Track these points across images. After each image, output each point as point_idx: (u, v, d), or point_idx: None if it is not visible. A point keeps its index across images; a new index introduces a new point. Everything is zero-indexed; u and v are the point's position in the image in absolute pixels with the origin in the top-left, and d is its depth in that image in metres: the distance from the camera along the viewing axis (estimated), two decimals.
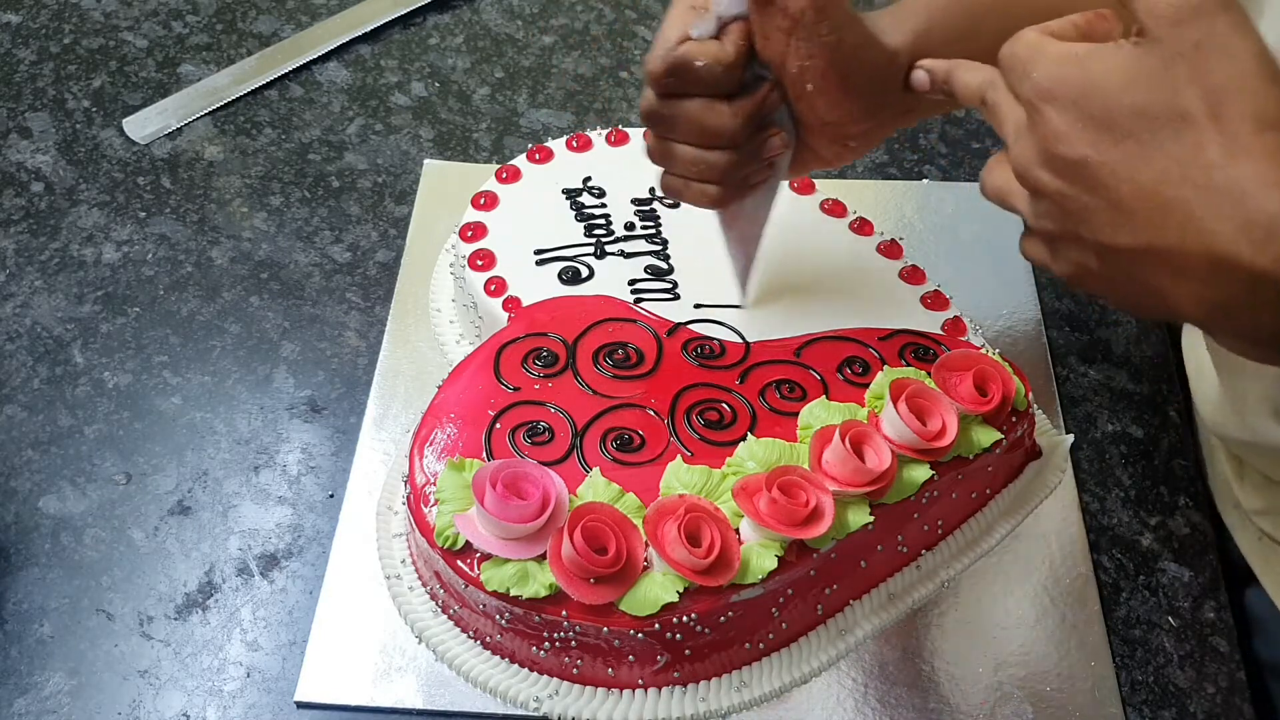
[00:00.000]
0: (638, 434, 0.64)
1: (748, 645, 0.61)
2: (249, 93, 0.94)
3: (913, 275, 0.73)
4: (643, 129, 0.80)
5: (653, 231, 0.75)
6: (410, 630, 0.64)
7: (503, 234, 0.74)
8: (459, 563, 0.59)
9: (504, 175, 0.78)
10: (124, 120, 0.91)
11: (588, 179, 0.78)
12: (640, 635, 0.57)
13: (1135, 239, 0.44)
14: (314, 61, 0.96)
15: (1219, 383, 0.65)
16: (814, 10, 0.56)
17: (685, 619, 0.57)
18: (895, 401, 0.61)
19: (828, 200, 0.77)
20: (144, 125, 0.90)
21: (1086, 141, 0.44)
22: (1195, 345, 0.70)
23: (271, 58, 0.95)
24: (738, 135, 0.60)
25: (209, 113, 0.92)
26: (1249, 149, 0.42)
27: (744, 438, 0.63)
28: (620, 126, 0.81)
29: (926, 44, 0.59)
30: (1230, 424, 0.64)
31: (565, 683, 0.61)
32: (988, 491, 0.68)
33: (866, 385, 0.65)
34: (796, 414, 0.64)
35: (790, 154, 0.63)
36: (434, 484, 0.61)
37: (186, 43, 0.98)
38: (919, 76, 0.58)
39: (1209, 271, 0.43)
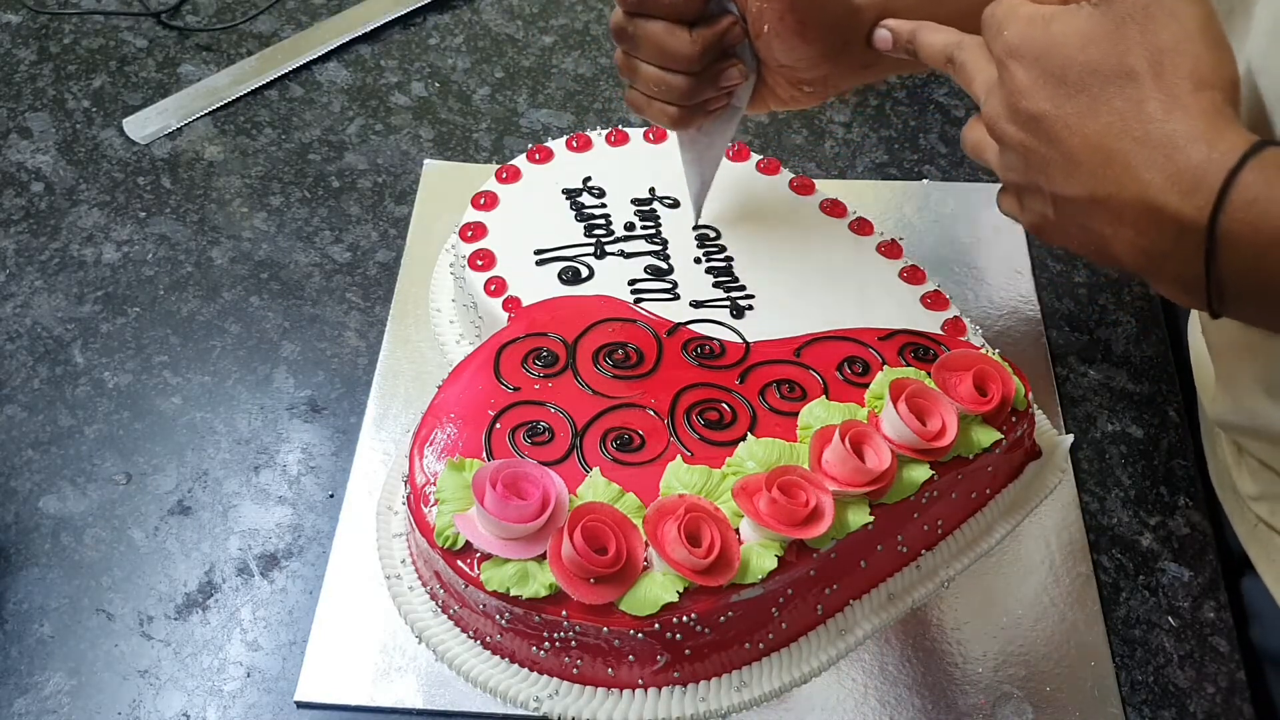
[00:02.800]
0: (638, 434, 0.64)
1: (748, 645, 0.61)
2: (249, 93, 0.94)
3: (913, 275, 0.73)
4: (643, 129, 0.80)
5: (653, 231, 0.75)
6: (410, 630, 0.64)
7: (503, 234, 0.74)
8: (459, 563, 0.59)
9: (504, 175, 0.78)
10: (124, 120, 0.91)
11: (588, 179, 0.78)
12: (640, 635, 0.57)
13: (1082, 188, 0.48)
14: (314, 61, 0.96)
15: (1214, 367, 0.66)
16: None
17: (685, 619, 0.57)
18: (895, 401, 0.61)
19: (828, 200, 0.77)
20: (144, 125, 0.90)
21: (1045, 96, 0.48)
22: (1195, 332, 0.70)
23: (271, 58, 0.95)
24: (695, 61, 0.63)
25: (209, 113, 0.92)
26: (1186, 106, 0.45)
27: (744, 438, 0.63)
28: (620, 126, 0.81)
29: (892, 3, 0.62)
30: (1227, 409, 0.65)
31: (565, 683, 0.61)
32: (988, 491, 0.68)
33: (866, 385, 0.65)
34: (796, 414, 0.64)
35: (750, 87, 0.67)
36: (434, 484, 0.61)
37: (186, 43, 0.98)
38: (881, 35, 0.61)
39: (1142, 219, 0.46)
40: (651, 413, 0.65)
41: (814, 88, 0.66)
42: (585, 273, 0.72)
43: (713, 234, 0.75)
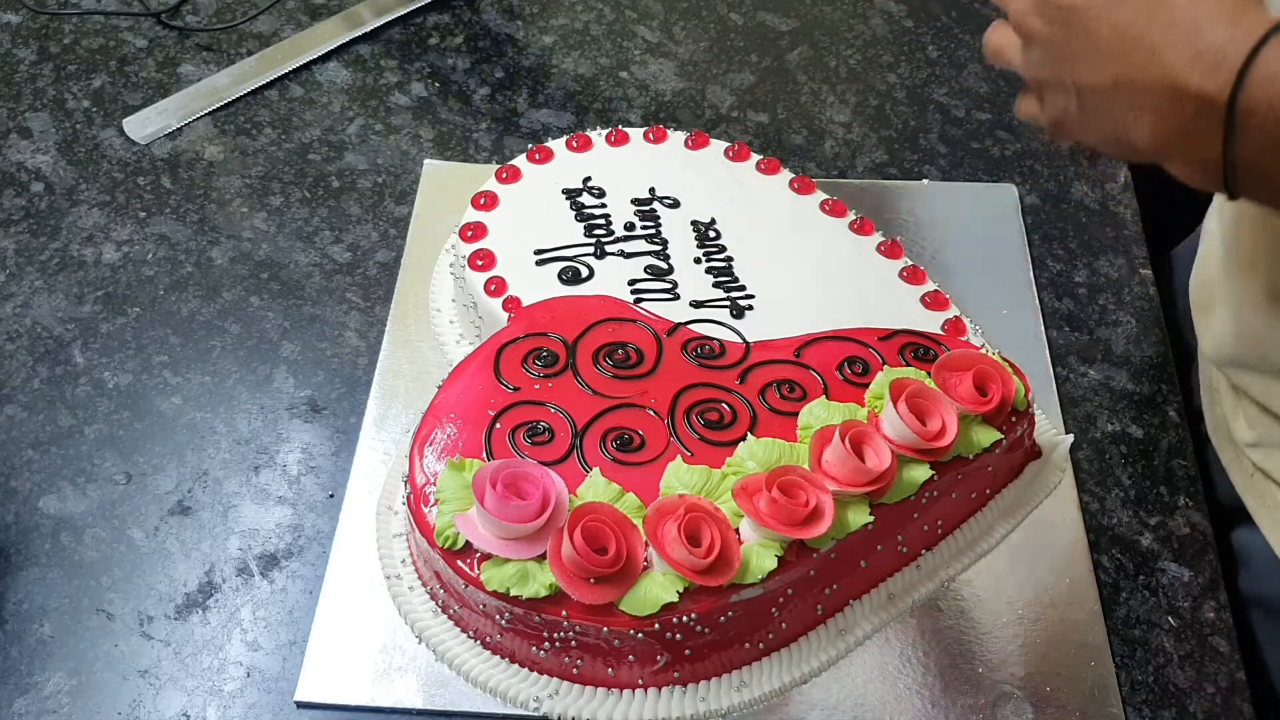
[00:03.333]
0: (638, 434, 0.64)
1: (748, 645, 0.61)
2: (249, 93, 0.94)
3: (913, 275, 0.73)
4: (643, 129, 0.80)
5: (653, 231, 0.75)
6: (410, 630, 0.64)
7: (503, 234, 0.74)
8: (459, 563, 0.59)
9: (504, 175, 0.78)
10: (124, 120, 0.91)
11: (588, 179, 0.78)
12: (640, 635, 0.57)
13: (1107, 75, 0.50)
14: (314, 61, 0.96)
15: (1218, 294, 0.66)
16: None
17: (685, 619, 0.57)
18: (895, 401, 0.61)
19: (828, 200, 0.77)
20: (144, 125, 0.90)
21: None
22: (1198, 269, 0.71)
23: (271, 57, 0.95)
24: None
25: (209, 113, 0.92)
26: None
27: (744, 438, 0.63)
28: (620, 126, 0.81)
29: None
30: (1229, 337, 0.66)
31: (565, 683, 0.61)
32: (988, 491, 0.68)
33: (866, 385, 0.65)
34: (796, 414, 0.64)
35: None
36: (434, 484, 0.61)
37: (186, 43, 0.98)
38: None
39: (1164, 101, 0.48)
40: (651, 413, 0.65)
41: None
42: (585, 273, 0.72)
43: (713, 234, 0.75)
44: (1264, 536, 0.67)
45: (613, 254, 0.73)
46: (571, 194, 0.77)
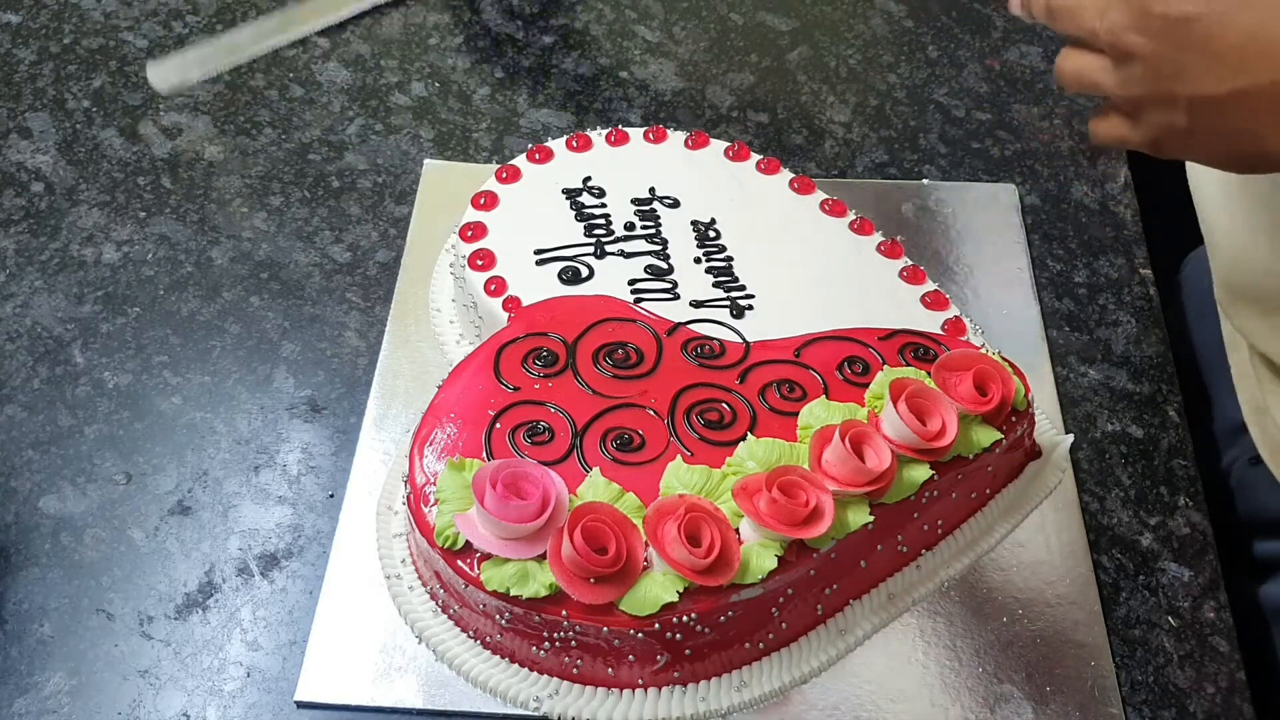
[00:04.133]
0: (638, 434, 0.64)
1: (748, 645, 0.61)
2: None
3: (913, 275, 0.73)
4: (643, 129, 0.80)
5: (653, 231, 0.75)
6: (410, 630, 0.64)
7: (503, 234, 0.74)
8: (459, 563, 0.59)
9: (504, 175, 0.78)
10: (147, 64, 0.91)
11: (588, 179, 0.78)
12: (640, 635, 0.57)
13: (1234, 84, 0.48)
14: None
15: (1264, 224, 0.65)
16: None
17: (685, 619, 0.57)
18: (895, 401, 0.61)
19: (828, 200, 0.77)
20: (165, 74, 0.88)
21: None
22: (1231, 258, 0.69)
23: (293, 16, 0.94)
24: None
25: (228, 72, 0.91)
26: None
27: (744, 438, 0.63)
28: (620, 126, 0.81)
29: None
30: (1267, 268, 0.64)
31: (565, 683, 0.61)
32: (987, 491, 0.68)
33: (866, 385, 0.65)
34: (796, 414, 0.64)
35: None
36: (434, 484, 0.61)
37: (186, 43, 0.98)
38: (1016, 1, 0.59)
39: None
40: (651, 413, 0.65)
41: None
42: (585, 273, 0.72)
43: (713, 234, 0.75)
44: None
45: (613, 254, 0.73)
46: (571, 194, 0.77)
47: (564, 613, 0.57)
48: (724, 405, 0.65)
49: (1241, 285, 0.70)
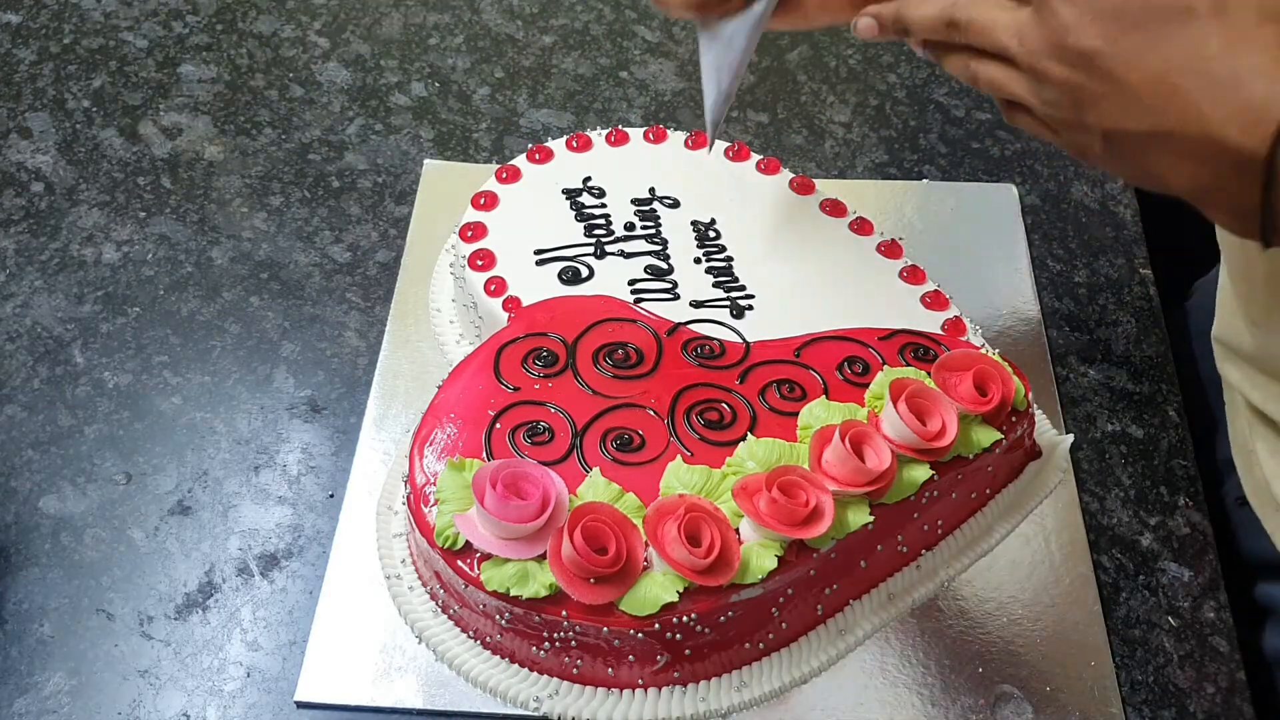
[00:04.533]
0: (638, 434, 0.64)
1: (748, 645, 0.61)
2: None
3: (913, 275, 0.73)
4: (643, 129, 0.80)
5: (653, 231, 0.75)
6: (410, 630, 0.64)
7: (503, 234, 0.74)
8: (459, 563, 0.59)
9: (504, 175, 0.78)
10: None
11: (588, 179, 0.78)
12: (640, 635, 0.57)
13: (1141, 124, 0.48)
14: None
15: (1252, 308, 0.65)
16: None
17: (685, 619, 0.57)
18: (895, 401, 0.61)
19: (828, 200, 0.77)
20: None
21: (1097, 33, 0.48)
22: (1228, 318, 0.69)
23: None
24: None
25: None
26: (1249, 40, 0.46)
27: (744, 438, 0.63)
28: (620, 126, 0.81)
29: None
30: (1265, 346, 0.64)
31: (565, 683, 0.61)
32: (987, 491, 0.68)
33: (866, 385, 0.65)
34: (796, 414, 0.64)
35: None
36: (434, 484, 0.61)
37: (186, 43, 0.98)
38: (865, 24, 0.59)
39: (1203, 153, 0.47)
40: (651, 413, 0.65)
41: None
42: (585, 273, 0.72)
43: (713, 234, 0.75)
44: None
45: (613, 254, 0.73)
46: (571, 194, 0.77)
47: (564, 613, 0.57)
48: (724, 405, 0.65)
49: (1224, 334, 0.70)
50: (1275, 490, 0.67)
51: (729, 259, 0.73)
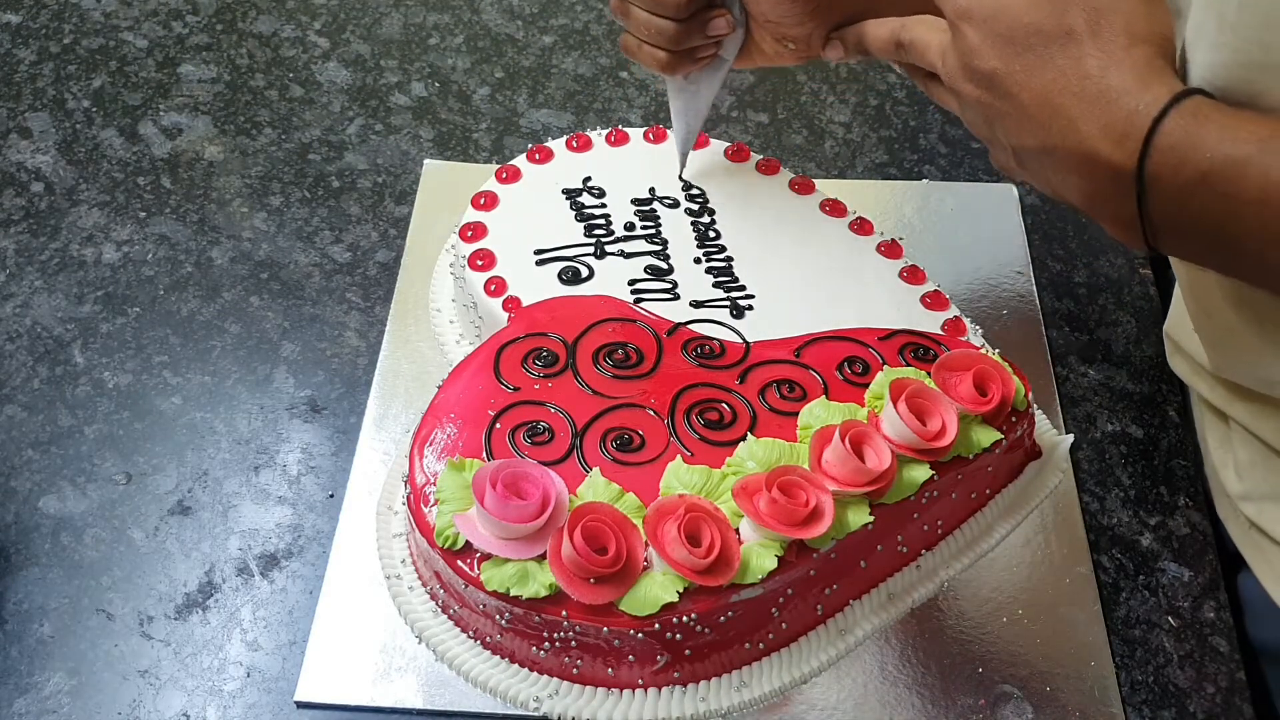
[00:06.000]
0: (638, 434, 0.64)
1: (748, 645, 0.61)
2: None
3: (913, 275, 0.73)
4: (643, 129, 0.80)
5: (653, 231, 0.75)
6: (410, 630, 0.64)
7: (503, 234, 0.74)
8: (459, 563, 0.59)
9: (504, 175, 0.78)
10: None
11: (588, 179, 0.78)
12: (640, 635, 0.57)
13: (1034, 139, 0.52)
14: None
15: (1208, 332, 0.66)
16: None
17: (685, 619, 0.57)
18: (895, 401, 0.61)
19: (828, 200, 0.77)
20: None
21: (995, 55, 0.52)
22: (1174, 315, 0.71)
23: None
24: (682, 8, 0.66)
25: None
26: (1120, 61, 0.49)
27: (744, 438, 0.63)
28: (620, 126, 0.81)
29: None
30: (1224, 367, 0.66)
31: (565, 683, 0.61)
32: (987, 491, 0.68)
33: (866, 385, 0.65)
34: (796, 414, 0.64)
35: (738, 40, 0.70)
36: (434, 484, 0.61)
37: (186, 43, 0.98)
38: (831, 47, 0.66)
39: (1084, 167, 0.50)
40: (651, 413, 0.65)
41: (798, 45, 0.68)
42: (585, 273, 0.72)
43: (713, 234, 0.75)
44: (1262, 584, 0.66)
45: (613, 254, 0.73)
46: (571, 194, 0.77)
47: (564, 613, 0.57)
48: (724, 405, 0.65)
49: (1175, 333, 0.71)
50: (1224, 479, 0.68)
51: (729, 259, 0.73)
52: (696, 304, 0.71)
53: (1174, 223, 0.49)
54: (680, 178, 0.78)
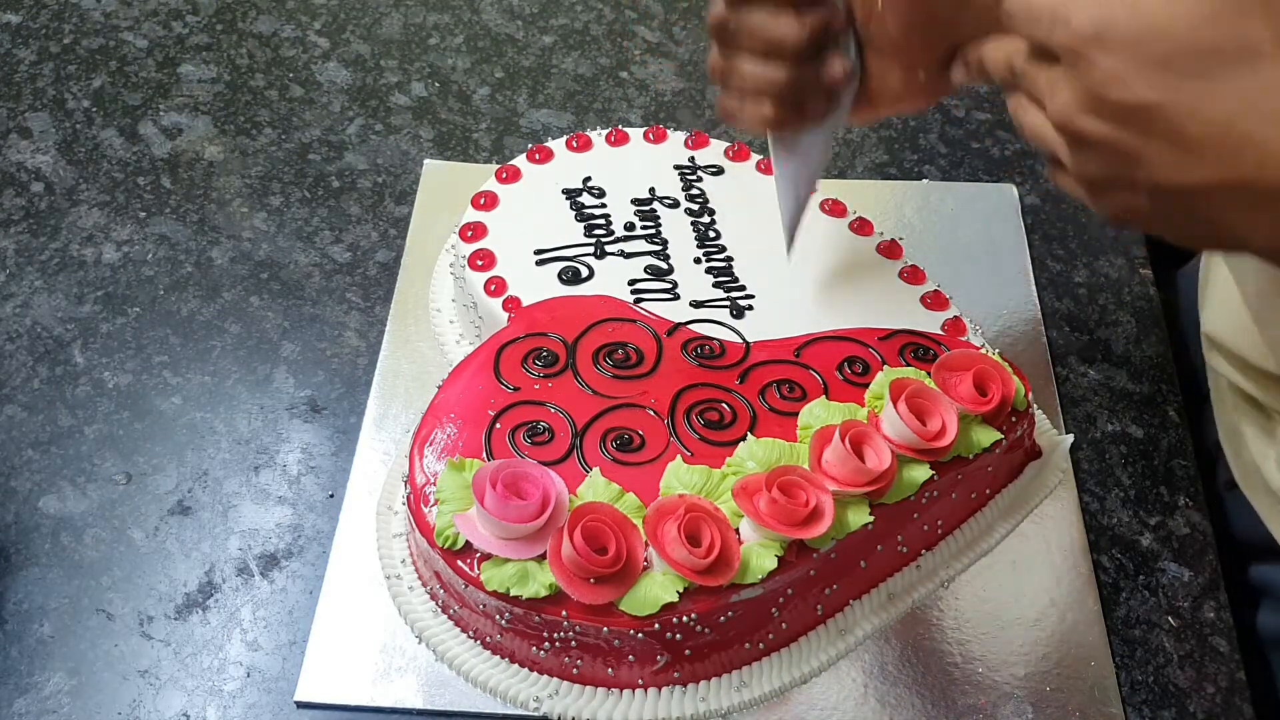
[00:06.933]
0: (638, 434, 0.64)
1: (748, 645, 0.61)
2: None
3: (913, 275, 0.73)
4: (643, 129, 0.80)
5: (653, 231, 0.75)
6: (410, 630, 0.64)
7: (503, 234, 0.74)
8: (459, 563, 0.59)
9: (504, 175, 0.78)
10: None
11: (588, 179, 0.78)
12: (640, 635, 0.57)
13: (1204, 176, 0.44)
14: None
15: (1252, 312, 0.63)
16: None
17: (685, 619, 0.57)
18: (895, 401, 0.61)
19: (828, 200, 0.77)
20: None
21: (1148, 84, 0.44)
22: (1218, 316, 0.69)
23: None
24: (801, 47, 0.59)
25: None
26: None
27: (744, 438, 0.63)
28: (620, 126, 0.81)
29: None
30: (1264, 349, 0.63)
31: (565, 683, 0.61)
32: (987, 491, 0.68)
33: (866, 385, 0.65)
34: (796, 414, 0.64)
35: (853, 87, 0.62)
36: (434, 484, 0.61)
37: (186, 43, 0.98)
38: (956, 70, 0.58)
39: None
40: (651, 413, 0.65)
41: (928, 73, 0.60)
42: (585, 273, 0.72)
43: (713, 234, 0.75)
44: None
45: (613, 254, 0.73)
46: (571, 194, 0.77)
47: (564, 613, 0.57)
48: (724, 405, 0.65)
49: (1213, 331, 0.69)
50: (1265, 472, 0.67)
51: (729, 259, 0.73)
52: (696, 304, 0.71)
53: None
54: (789, 254, 0.71)
